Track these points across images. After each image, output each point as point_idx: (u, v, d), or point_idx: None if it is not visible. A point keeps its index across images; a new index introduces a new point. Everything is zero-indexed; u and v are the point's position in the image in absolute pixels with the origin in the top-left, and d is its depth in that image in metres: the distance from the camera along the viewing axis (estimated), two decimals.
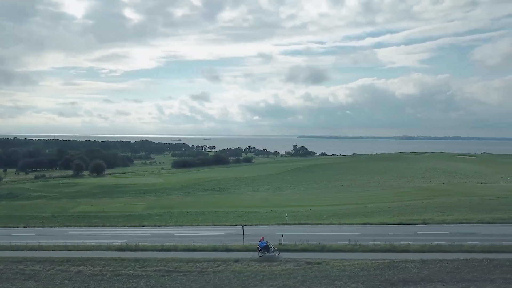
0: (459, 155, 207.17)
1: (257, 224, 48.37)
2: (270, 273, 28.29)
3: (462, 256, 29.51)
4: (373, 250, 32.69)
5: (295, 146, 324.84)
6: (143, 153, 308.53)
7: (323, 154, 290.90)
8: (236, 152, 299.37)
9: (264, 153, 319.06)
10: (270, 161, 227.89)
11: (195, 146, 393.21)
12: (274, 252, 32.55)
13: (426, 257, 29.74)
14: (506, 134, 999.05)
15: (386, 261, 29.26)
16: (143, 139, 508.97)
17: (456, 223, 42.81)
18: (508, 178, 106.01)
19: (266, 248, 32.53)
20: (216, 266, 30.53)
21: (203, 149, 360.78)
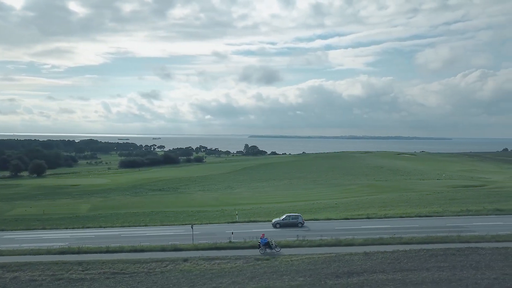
0: (400, 153, 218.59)
1: (207, 223, 48.11)
2: (219, 271, 28.28)
3: (401, 247, 31.23)
4: (319, 245, 33.74)
5: (246, 145, 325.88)
6: (88, 153, 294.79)
7: (273, 153, 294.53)
8: (187, 151, 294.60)
9: (215, 152, 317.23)
10: (222, 160, 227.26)
11: (143, 145, 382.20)
12: (276, 249, 32.29)
13: (369, 249, 31.15)
14: (442, 134, 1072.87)
15: (332, 254, 30.29)
16: (89, 138, 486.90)
17: (397, 217, 45.21)
18: (443, 175, 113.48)
19: (268, 244, 32.25)
20: (164, 266, 30.02)
21: (152, 149, 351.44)
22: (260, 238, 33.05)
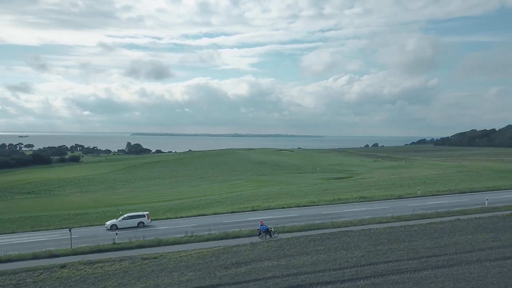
0: (280, 150, 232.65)
1: (87, 226, 44.79)
2: (103, 274, 26.66)
3: (284, 236, 33.44)
4: (208, 239, 34.16)
5: (129, 143, 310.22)
6: None
7: (158, 151, 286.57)
8: (60, 150, 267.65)
9: (93, 151, 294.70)
10: (101, 159, 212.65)
11: (7, 144, 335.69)
12: (274, 234, 33.67)
13: (255, 240, 32.67)
14: (316, 132, 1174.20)
15: (221, 247, 30.96)
16: None
17: (279, 208, 48.14)
18: (318, 168, 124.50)
19: (268, 231, 33.56)
20: (37, 275, 27.09)
21: (18, 148, 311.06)
22: (260, 225, 34.02)
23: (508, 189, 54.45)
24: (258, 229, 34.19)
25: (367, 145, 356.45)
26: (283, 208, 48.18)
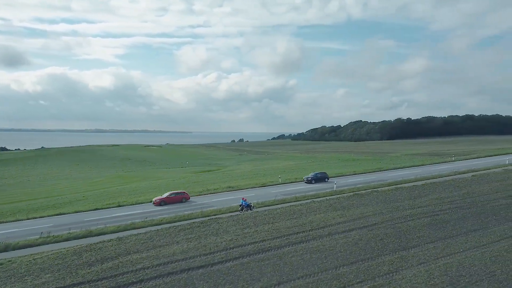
0: (147, 146, 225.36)
1: None
2: None
3: (153, 228, 32.77)
4: (68, 239, 31.49)
5: None
6: None
7: (3, 149, 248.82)
8: None
9: None
10: None
11: None
12: (253, 209, 38.06)
13: (122, 235, 31.21)
14: (184, 128, 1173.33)
15: (83, 245, 28.76)
16: None
17: (147, 202, 46.84)
18: (187, 163, 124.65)
19: (248, 206, 38.26)
20: None
21: None
22: (242, 201, 38.51)
23: (350, 174, 63.07)
24: (240, 205, 38.51)
25: (233, 141, 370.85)
26: (151, 202, 47.01)
